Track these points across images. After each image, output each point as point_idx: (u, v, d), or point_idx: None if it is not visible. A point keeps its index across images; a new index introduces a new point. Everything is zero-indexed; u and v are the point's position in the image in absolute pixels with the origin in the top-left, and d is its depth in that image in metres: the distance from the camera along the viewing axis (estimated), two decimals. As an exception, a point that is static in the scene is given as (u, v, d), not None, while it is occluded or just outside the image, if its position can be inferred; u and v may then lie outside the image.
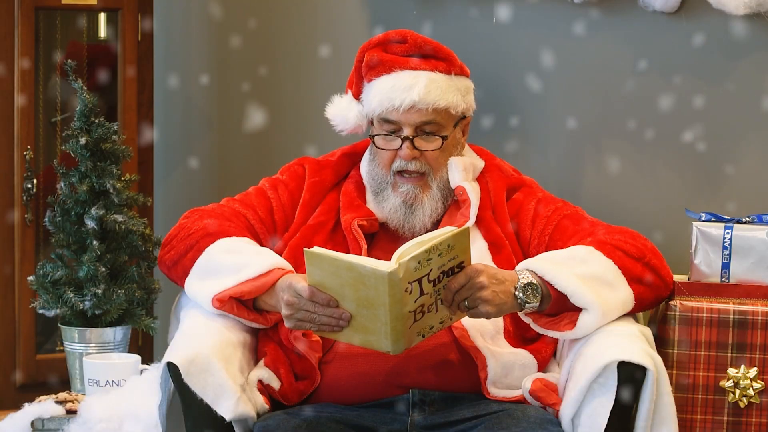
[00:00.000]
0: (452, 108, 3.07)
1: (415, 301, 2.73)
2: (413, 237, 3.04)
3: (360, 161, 3.20)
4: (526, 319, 2.92)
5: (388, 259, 2.71)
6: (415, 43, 3.08)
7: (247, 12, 3.79)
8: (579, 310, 2.89)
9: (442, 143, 3.06)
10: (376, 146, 3.09)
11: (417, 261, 2.69)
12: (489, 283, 2.79)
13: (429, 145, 3.06)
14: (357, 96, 3.15)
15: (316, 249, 2.72)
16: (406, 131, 3.04)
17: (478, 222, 3.08)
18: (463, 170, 3.09)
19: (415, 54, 3.08)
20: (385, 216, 3.09)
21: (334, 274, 2.71)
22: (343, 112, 3.17)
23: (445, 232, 2.73)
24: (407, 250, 2.69)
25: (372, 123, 3.12)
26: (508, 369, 2.95)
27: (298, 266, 2.95)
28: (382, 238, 3.09)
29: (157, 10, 3.64)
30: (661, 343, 3.02)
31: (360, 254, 3.00)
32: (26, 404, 3.15)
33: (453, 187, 3.09)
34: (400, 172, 3.07)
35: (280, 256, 3.01)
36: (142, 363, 3.23)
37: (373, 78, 3.09)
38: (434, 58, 3.09)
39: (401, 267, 2.67)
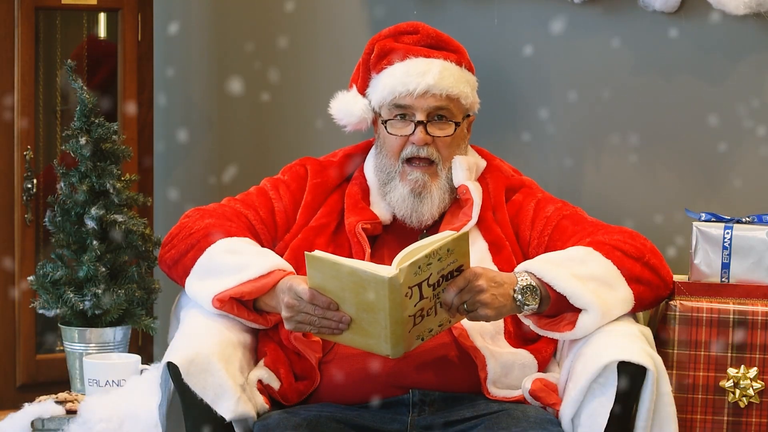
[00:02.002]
0: (463, 98, 3.07)
1: (415, 306, 2.73)
2: (421, 227, 3.06)
3: (363, 162, 3.19)
4: (526, 321, 2.92)
5: (391, 263, 2.71)
6: (427, 34, 3.10)
7: (247, 12, 3.79)
8: (578, 310, 2.89)
9: (455, 129, 3.05)
10: (388, 132, 3.08)
11: (417, 266, 2.69)
12: (488, 287, 2.79)
13: (442, 131, 3.06)
14: (362, 91, 3.15)
15: (317, 253, 2.72)
16: (419, 116, 3.04)
17: (479, 222, 3.07)
18: (467, 169, 3.09)
19: (427, 44, 3.09)
20: (394, 206, 3.08)
21: (335, 277, 2.71)
22: (348, 107, 3.15)
23: (445, 236, 2.73)
24: (407, 255, 2.70)
25: (379, 116, 3.11)
26: (507, 369, 2.95)
27: (299, 268, 2.95)
28: (386, 241, 3.09)
29: (157, 10, 3.64)
30: (661, 343, 3.02)
31: (363, 258, 3.00)
32: (26, 404, 3.15)
33: (456, 186, 3.09)
34: (410, 160, 3.07)
35: (282, 257, 3.00)
36: (142, 363, 3.23)
37: (384, 67, 3.08)
38: (446, 50, 3.10)
39: (402, 272, 2.67)
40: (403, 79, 3.04)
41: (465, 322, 2.93)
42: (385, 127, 3.08)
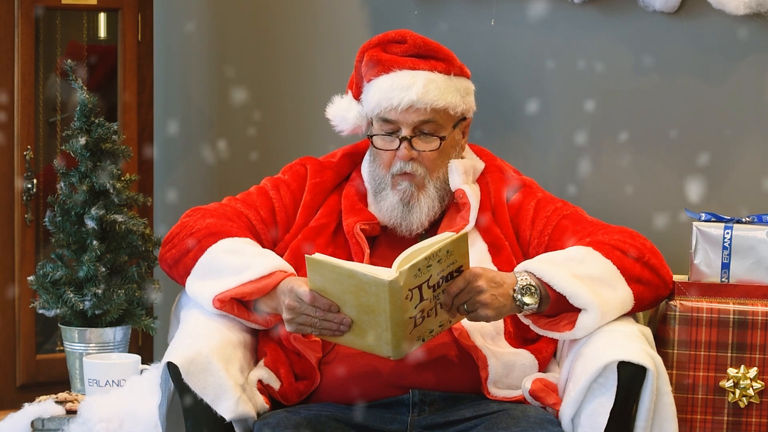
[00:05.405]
0: (451, 108, 3.06)
1: (416, 307, 2.74)
2: (411, 236, 3.05)
3: (361, 162, 3.20)
4: (526, 321, 2.92)
5: (390, 263, 2.71)
6: (415, 44, 3.08)
7: (248, 12, 3.79)
8: (578, 310, 2.89)
9: (440, 144, 3.06)
10: (375, 147, 3.09)
11: (417, 268, 2.69)
12: (488, 287, 2.80)
13: (427, 145, 3.06)
14: (357, 96, 3.15)
15: (317, 255, 2.72)
16: (405, 131, 3.04)
17: (478, 224, 3.08)
18: (463, 173, 3.09)
19: (414, 54, 3.08)
20: (384, 215, 3.09)
21: (336, 280, 2.72)
22: (343, 113, 3.17)
23: (444, 238, 2.73)
24: (407, 258, 2.70)
25: (371, 123, 3.12)
26: (509, 369, 2.95)
27: (299, 268, 2.95)
28: (384, 242, 3.09)
29: (157, 10, 3.64)
30: (661, 343, 3.02)
31: (363, 258, 3.00)
32: (26, 404, 3.15)
33: (453, 190, 3.09)
34: (399, 174, 3.07)
35: (281, 257, 3.01)
36: (142, 363, 3.24)
37: (372, 78, 3.09)
38: (433, 59, 3.08)
39: (402, 275, 2.67)
40: (388, 93, 3.04)
41: (465, 323, 2.93)
42: (372, 141, 3.09)
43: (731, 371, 3.02)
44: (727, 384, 3.02)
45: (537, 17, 3.55)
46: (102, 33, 3.63)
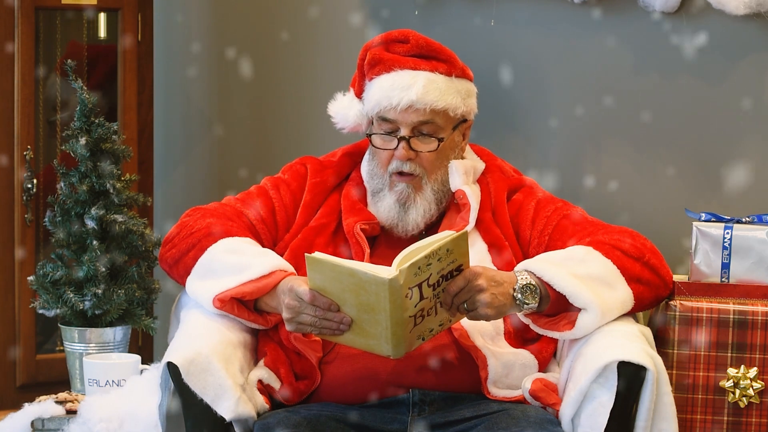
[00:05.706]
0: (451, 110, 3.06)
1: (416, 306, 2.74)
2: (407, 237, 3.05)
3: (361, 161, 3.20)
4: (526, 320, 2.92)
5: (390, 262, 2.71)
6: (417, 44, 3.08)
7: (248, 12, 3.79)
8: (578, 310, 2.89)
9: (438, 145, 3.05)
10: (373, 145, 3.09)
11: (417, 267, 2.69)
12: (488, 286, 2.80)
13: (425, 146, 3.06)
14: (359, 94, 3.15)
15: (317, 254, 2.72)
16: (403, 131, 3.04)
17: (478, 224, 3.08)
18: (463, 173, 3.09)
19: (416, 54, 3.08)
20: (382, 215, 3.08)
21: (335, 279, 2.72)
22: (344, 110, 3.17)
23: (444, 236, 2.74)
24: (407, 256, 2.70)
25: (372, 122, 3.12)
26: (509, 368, 2.95)
27: (299, 268, 2.95)
28: (384, 242, 3.09)
29: (157, 10, 3.64)
30: (661, 343, 3.02)
31: (363, 258, 3.00)
32: (26, 404, 3.15)
33: (453, 190, 3.09)
34: (397, 173, 3.07)
35: (281, 257, 3.01)
36: (142, 363, 3.23)
37: (373, 76, 3.09)
38: (435, 59, 3.08)
39: (402, 273, 2.67)
40: (388, 93, 3.04)
41: (465, 323, 2.93)
42: (371, 140, 3.09)
43: (731, 371, 3.02)
44: (727, 384, 3.02)
45: (537, 17, 3.55)
46: (102, 33, 3.63)
